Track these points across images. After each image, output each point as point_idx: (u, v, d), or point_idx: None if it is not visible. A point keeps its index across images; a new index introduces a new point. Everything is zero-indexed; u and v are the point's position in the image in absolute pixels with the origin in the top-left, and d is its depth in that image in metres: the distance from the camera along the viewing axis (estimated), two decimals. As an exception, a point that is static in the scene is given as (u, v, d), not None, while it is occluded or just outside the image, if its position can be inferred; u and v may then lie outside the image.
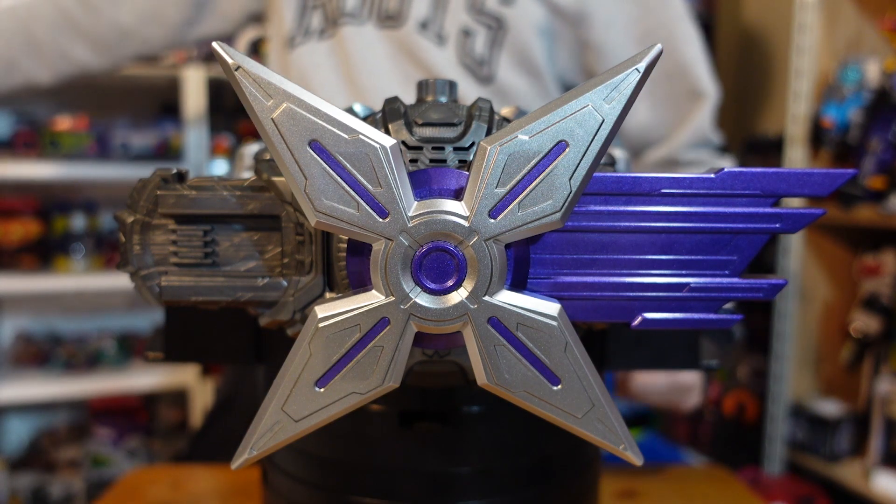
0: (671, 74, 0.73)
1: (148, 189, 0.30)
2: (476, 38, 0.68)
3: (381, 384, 0.26)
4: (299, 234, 0.30)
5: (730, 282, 0.28)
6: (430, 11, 0.69)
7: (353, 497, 0.35)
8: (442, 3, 0.69)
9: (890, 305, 1.50)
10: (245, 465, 0.27)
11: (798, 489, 1.51)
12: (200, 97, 1.67)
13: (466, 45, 0.68)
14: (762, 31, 1.99)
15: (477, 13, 0.68)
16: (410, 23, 0.69)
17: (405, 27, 0.69)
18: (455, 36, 0.68)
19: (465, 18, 0.68)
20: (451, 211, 0.25)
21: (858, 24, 1.57)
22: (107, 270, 1.72)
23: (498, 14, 0.68)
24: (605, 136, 0.25)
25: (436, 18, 0.68)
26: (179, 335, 0.38)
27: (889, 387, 1.42)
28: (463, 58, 0.68)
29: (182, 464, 0.66)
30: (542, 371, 0.26)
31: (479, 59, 0.68)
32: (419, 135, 0.29)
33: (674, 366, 0.40)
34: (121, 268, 0.31)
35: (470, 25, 0.68)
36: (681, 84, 0.74)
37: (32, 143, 1.67)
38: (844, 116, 1.51)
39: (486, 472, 0.36)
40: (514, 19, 0.68)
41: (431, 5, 0.69)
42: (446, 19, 0.68)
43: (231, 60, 0.24)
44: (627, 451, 0.27)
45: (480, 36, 0.68)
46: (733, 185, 0.28)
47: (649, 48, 0.25)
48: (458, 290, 0.25)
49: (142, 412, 1.91)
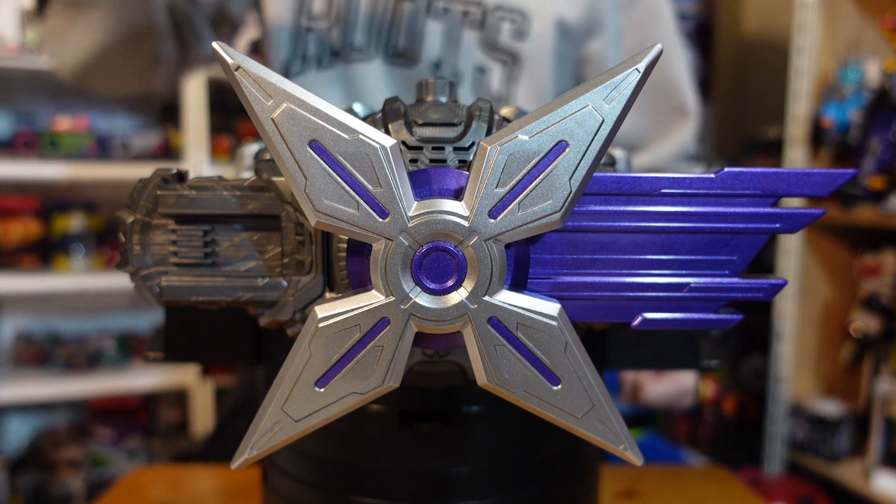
0: (659, 88, 0.75)
1: (148, 189, 0.30)
2: (492, 76, 0.67)
3: (381, 384, 0.26)
4: (299, 234, 0.30)
5: (730, 282, 0.28)
6: (442, 51, 0.67)
7: (353, 497, 0.35)
8: (454, 41, 0.67)
9: (890, 305, 1.50)
10: (245, 465, 0.27)
11: (798, 489, 1.51)
12: (200, 97, 1.67)
13: (482, 82, 0.67)
14: (762, 31, 1.99)
15: (491, 50, 0.67)
16: (423, 63, 0.67)
17: (417, 67, 0.67)
18: (470, 74, 0.67)
19: (479, 56, 0.67)
20: (451, 211, 0.25)
21: (858, 24, 1.57)
22: (107, 270, 1.72)
23: (512, 49, 0.67)
24: (605, 136, 0.25)
25: (449, 58, 0.67)
26: (179, 335, 0.38)
27: (889, 387, 1.42)
28: (480, 95, 0.67)
29: (184, 463, 0.66)
30: (542, 371, 0.26)
31: (497, 95, 0.67)
32: (419, 135, 0.29)
33: (674, 366, 0.40)
34: (121, 268, 0.31)
35: (484, 63, 0.67)
36: (667, 99, 0.75)
37: (32, 143, 1.67)
38: (844, 116, 1.51)
39: (486, 472, 0.36)
40: (528, 52, 0.67)
41: (444, 44, 0.67)
42: (459, 58, 0.67)
43: (231, 60, 0.24)
44: (627, 451, 0.27)
45: (496, 73, 0.67)
46: (733, 185, 0.28)
47: (649, 48, 0.25)
48: (458, 290, 0.25)
49: (142, 412, 1.91)
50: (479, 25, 0.67)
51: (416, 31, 0.67)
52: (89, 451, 1.75)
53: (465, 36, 0.66)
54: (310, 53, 0.69)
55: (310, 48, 0.69)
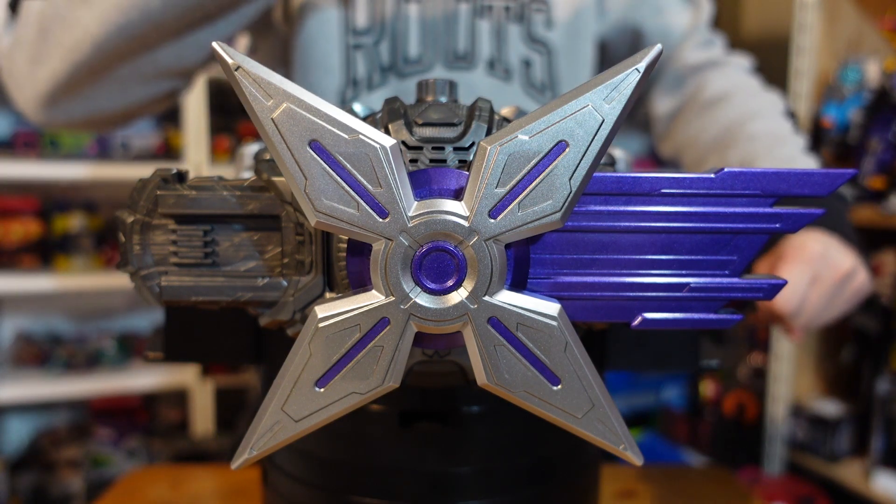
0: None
1: (148, 189, 0.30)
2: (535, 68, 0.68)
3: (381, 384, 0.26)
4: (299, 234, 0.30)
5: (730, 282, 0.28)
6: (493, 49, 0.66)
7: (353, 497, 0.35)
8: (503, 36, 0.67)
9: (890, 305, 1.50)
10: (245, 465, 0.27)
11: (798, 489, 1.51)
12: (200, 97, 1.66)
13: (529, 75, 0.67)
14: (762, 31, 1.99)
15: (531, 42, 0.68)
16: (481, 65, 0.66)
17: (477, 69, 0.66)
18: (518, 69, 0.67)
19: (523, 49, 0.67)
20: (451, 211, 0.25)
21: (858, 24, 1.57)
22: (107, 270, 1.72)
23: (545, 39, 0.68)
24: (605, 136, 0.25)
25: (501, 55, 0.67)
26: (179, 335, 0.38)
27: (889, 387, 1.42)
28: (527, 89, 0.68)
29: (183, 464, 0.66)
30: (542, 371, 0.26)
31: (541, 85, 0.68)
32: (419, 135, 0.29)
33: (674, 366, 0.40)
34: (121, 268, 0.31)
35: (528, 55, 0.68)
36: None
37: (32, 143, 1.67)
38: (844, 116, 1.51)
39: (486, 472, 0.36)
40: (556, 41, 0.68)
41: (494, 41, 0.66)
42: (509, 53, 0.67)
43: (231, 60, 0.24)
44: (627, 451, 0.27)
45: (538, 65, 0.68)
46: (733, 185, 0.28)
47: (649, 48, 0.25)
48: (458, 290, 0.25)
49: (142, 412, 1.91)
50: (519, 19, 0.67)
51: (475, 32, 0.66)
52: (89, 451, 1.75)
53: (511, 31, 0.67)
54: (360, 75, 0.64)
55: (359, 69, 0.64)
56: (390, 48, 0.64)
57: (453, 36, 0.65)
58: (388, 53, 0.64)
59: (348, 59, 0.64)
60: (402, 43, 0.64)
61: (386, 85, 0.65)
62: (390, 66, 0.65)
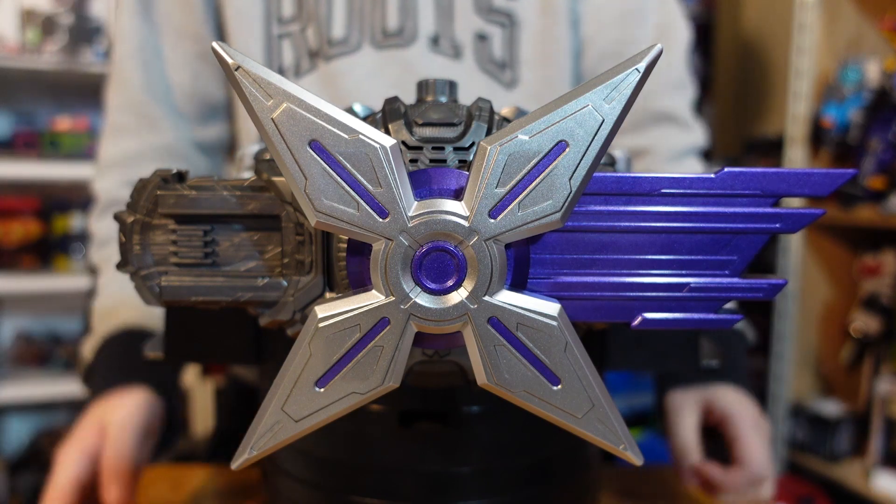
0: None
1: (148, 189, 0.30)
2: (493, 42, 0.63)
3: (381, 384, 0.26)
4: (299, 234, 0.30)
5: (730, 282, 0.28)
6: (437, 23, 0.62)
7: (353, 497, 0.35)
8: (447, 10, 0.62)
9: (890, 305, 1.50)
10: (245, 465, 0.27)
11: (798, 489, 1.51)
12: (200, 97, 1.66)
13: (485, 50, 0.63)
14: (762, 31, 1.99)
15: (487, 12, 0.63)
16: (420, 41, 0.62)
17: (414, 46, 0.62)
18: (471, 44, 0.63)
19: (476, 22, 0.63)
20: (451, 211, 0.25)
21: (858, 24, 1.57)
22: (107, 270, 1.72)
23: (507, 9, 0.63)
24: (605, 136, 0.25)
25: (446, 30, 0.62)
26: (179, 335, 0.38)
27: (889, 387, 1.42)
28: (484, 64, 0.63)
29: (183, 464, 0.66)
30: (542, 371, 0.26)
31: (500, 62, 0.63)
32: (419, 135, 0.29)
33: (674, 366, 0.40)
34: (121, 268, 0.31)
35: (484, 28, 0.63)
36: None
37: (32, 143, 1.67)
38: (844, 116, 1.51)
39: (486, 472, 0.36)
40: (522, 10, 0.63)
41: (437, 15, 0.62)
42: (456, 27, 0.62)
43: (231, 60, 0.24)
44: (627, 451, 0.27)
45: (497, 38, 0.63)
46: (733, 185, 0.28)
47: (649, 48, 0.25)
48: (458, 290, 0.25)
49: (142, 412, 1.91)
50: None
51: (409, 5, 0.62)
52: (89, 451, 1.75)
53: (459, 2, 0.62)
54: (286, 63, 0.64)
55: (285, 57, 0.64)
56: (315, 32, 0.63)
57: (381, 12, 0.62)
58: (314, 38, 0.63)
59: (271, 48, 0.64)
60: (326, 25, 0.63)
61: (315, 70, 0.63)
62: (317, 50, 0.63)
